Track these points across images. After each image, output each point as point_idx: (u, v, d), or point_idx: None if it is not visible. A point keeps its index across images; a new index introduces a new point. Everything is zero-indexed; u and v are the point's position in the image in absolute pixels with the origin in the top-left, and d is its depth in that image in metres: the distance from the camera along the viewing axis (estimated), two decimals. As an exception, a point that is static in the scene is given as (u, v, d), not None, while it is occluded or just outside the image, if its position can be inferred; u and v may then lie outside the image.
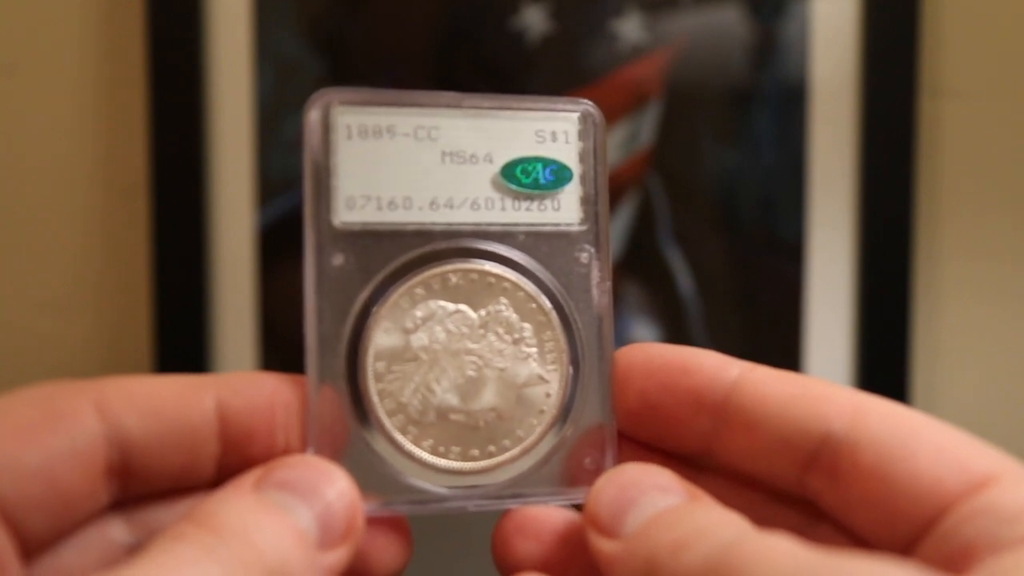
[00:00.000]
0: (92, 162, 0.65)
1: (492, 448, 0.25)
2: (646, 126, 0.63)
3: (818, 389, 0.24)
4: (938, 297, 0.65)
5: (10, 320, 0.66)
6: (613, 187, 0.63)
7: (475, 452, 0.25)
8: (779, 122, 0.63)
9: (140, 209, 0.64)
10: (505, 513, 0.25)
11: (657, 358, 0.25)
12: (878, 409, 0.23)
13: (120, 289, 0.66)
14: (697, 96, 0.63)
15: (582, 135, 0.27)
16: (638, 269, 0.64)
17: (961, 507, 0.21)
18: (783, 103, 0.63)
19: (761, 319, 0.65)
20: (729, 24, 0.63)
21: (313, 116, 0.25)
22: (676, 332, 0.64)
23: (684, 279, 0.64)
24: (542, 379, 0.26)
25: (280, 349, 0.64)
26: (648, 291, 0.64)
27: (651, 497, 0.23)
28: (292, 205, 0.64)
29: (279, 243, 0.64)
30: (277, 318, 0.64)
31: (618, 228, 0.64)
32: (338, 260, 0.25)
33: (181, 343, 0.63)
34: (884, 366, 0.64)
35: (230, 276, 0.64)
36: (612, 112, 0.64)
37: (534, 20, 0.63)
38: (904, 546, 0.22)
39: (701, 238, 0.64)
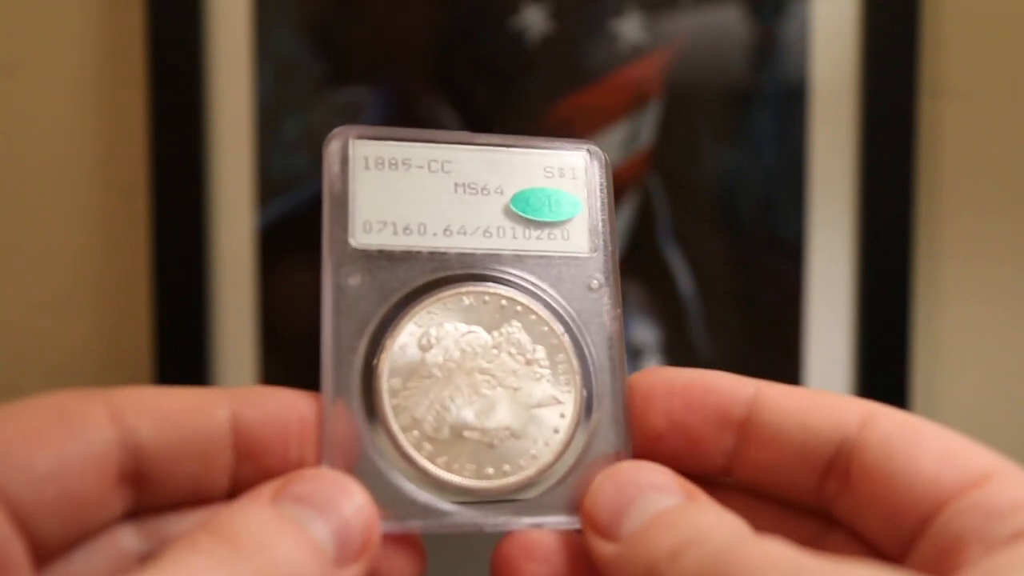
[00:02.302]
0: (92, 162, 0.65)
1: (507, 467, 0.25)
2: (646, 126, 0.63)
3: (832, 399, 0.25)
4: (938, 297, 0.65)
5: (10, 320, 0.66)
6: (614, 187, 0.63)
7: (490, 470, 0.25)
8: (779, 122, 0.63)
9: (140, 209, 0.64)
10: (507, 535, 0.25)
11: (679, 379, 0.26)
12: (887, 415, 0.24)
13: (120, 289, 0.66)
14: (697, 96, 0.63)
15: (588, 171, 0.28)
16: (638, 269, 0.64)
17: (956, 503, 0.21)
18: (783, 103, 0.63)
19: (761, 319, 0.65)
20: (729, 24, 0.63)
21: (333, 147, 0.26)
22: (676, 332, 0.64)
23: (684, 279, 0.64)
24: (556, 400, 0.26)
25: (280, 349, 0.64)
26: (648, 291, 0.64)
27: (649, 498, 0.23)
28: (292, 205, 0.64)
29: (279, 243, 0.64)
30: (277, 318, 0.64)
31: (618, 228, 0.64)
32: (355, 280, 0.25)
33: (181, 343, 0.63)
34: (884, 366, 0.64)
35: (230, 276, 0.64)
36: (612, 112, 0.64)
37: (534, 20, 0.63)
38: (905, 543, 0.22)
39: (701, 238, 0.64)
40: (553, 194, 0.27)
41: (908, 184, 0.63)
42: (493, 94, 0.64)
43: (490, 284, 0.26)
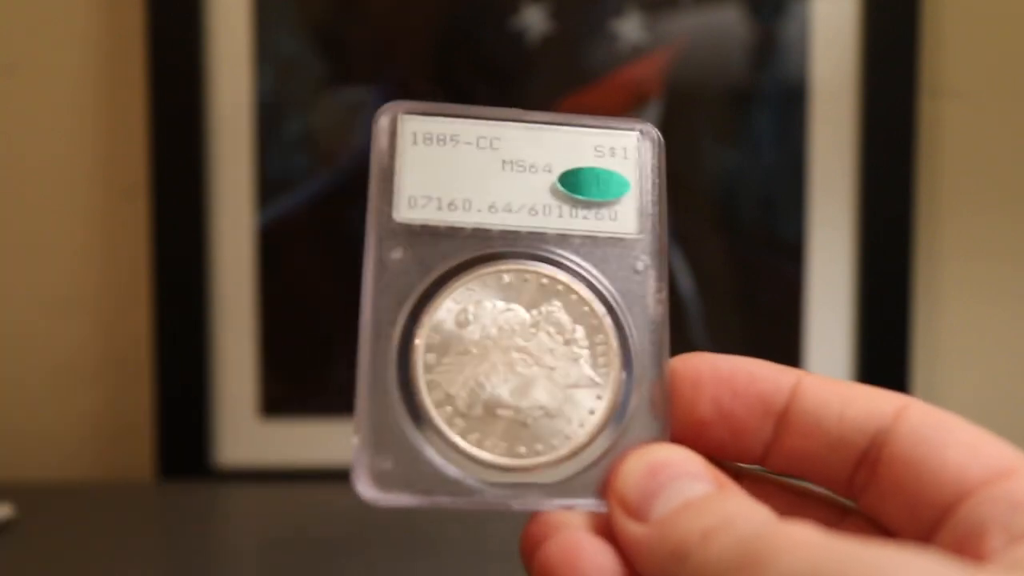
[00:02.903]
0: (92, 162, 0.65)
1: (540, 446, 0.25)
2: (646, 126, 0.64)
3: (870, 391, 0.25)
4: (938, 297, 0.65)
5: (10, 320, 0.66)
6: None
7: (522, 449, 0.25)
8: (779, 122, 0.63)
9: (140, 209, 0.64)
10: (534, 517, 0.24)
11: (723, 365, 0.25)
12: (920, 407, 0.24)
13: (120, 289, 0.66)
14: (697, 96, 0.63)
15: (640, 151, 0.27)
16: (638, 269, 0.64)
17: (980, 493, 0.22)
18: (783, 103, 0.63)
19: (761, 319, 0.65)
20: (729, 24, 0.63)
21: (382, 122, 0.26)
22: (676, 332, 0.64)
23: (684, 279, 0.64)
24: (593, 381, 0.26)
25: (280, 349, 0.64)
26: (648, 291, 0.64)
27: (681, 483, 0.23)
28: (292, 205, 0.64)
29: (279, 243, 0.64)
30: (277, 318, 0.64)
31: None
32: (397, 254, 0.25)
33: (181, 343, 0.63)
34: (884, 366, 0.64)
35: (230, 276, 0.64)
36: (612, 112, 0.64)
37: (534, 20, 0.63)
38: (926, 532, 0.23)
39: (701, 238, 0.64)
40: (602, 174, 0.27)
41: (908, 184, 0.63)
42: (493, 94, 0.64)
43: (532, 262, 0.26)
